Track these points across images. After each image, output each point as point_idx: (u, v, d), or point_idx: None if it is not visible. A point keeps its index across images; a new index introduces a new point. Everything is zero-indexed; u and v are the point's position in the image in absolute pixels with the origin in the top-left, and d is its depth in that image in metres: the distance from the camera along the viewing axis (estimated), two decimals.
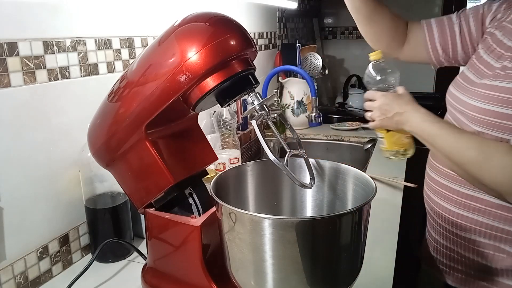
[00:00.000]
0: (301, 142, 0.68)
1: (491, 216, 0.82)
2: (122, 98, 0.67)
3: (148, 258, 0.77)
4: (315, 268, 0.54)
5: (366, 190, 0.62)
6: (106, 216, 0.89)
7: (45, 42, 0.79)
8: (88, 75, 0.90)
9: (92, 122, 0.74)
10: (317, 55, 2.00)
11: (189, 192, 0.75)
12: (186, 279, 0.71)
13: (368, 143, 1.76)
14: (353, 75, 2.84)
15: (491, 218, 0.82)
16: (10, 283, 0.76)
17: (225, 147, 1.34)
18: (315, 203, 0.73)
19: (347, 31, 2.91)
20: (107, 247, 0.86)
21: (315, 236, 0.53)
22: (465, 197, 0.85)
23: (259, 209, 0.72)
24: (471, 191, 0.84)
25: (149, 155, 0.67)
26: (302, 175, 0.71)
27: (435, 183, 0.92)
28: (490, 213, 0.82)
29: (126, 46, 1.01)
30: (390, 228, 1.01)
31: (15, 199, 0.76)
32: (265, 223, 0.52)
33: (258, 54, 0.68)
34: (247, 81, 0.63)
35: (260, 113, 0.63)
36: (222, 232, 0.58)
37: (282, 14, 2.19)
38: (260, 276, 0.55)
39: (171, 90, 0.60)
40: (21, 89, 0.76)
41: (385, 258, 0.88)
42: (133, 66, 0.67)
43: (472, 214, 0.85)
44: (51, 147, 0.83)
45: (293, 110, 1.93)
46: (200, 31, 0.59)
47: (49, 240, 0.83)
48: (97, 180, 0.89)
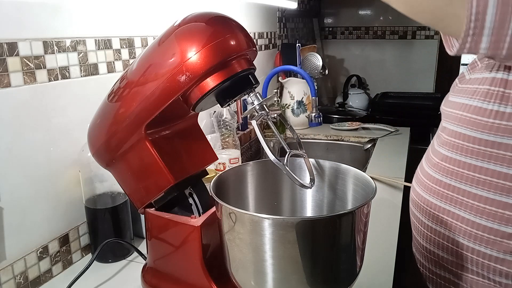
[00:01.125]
0: (301, 142, 0.68)
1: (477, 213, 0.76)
2: (122, 98, 0.67)
3: (148, 258, 0.77)
4: (315, 268, 0.54)
5: (366, 190, 0.62)
6: (106, 216, 0.89)
7: (45, 42, 0.79)
8: (88, 75, 0.90)
9: (92, 122, 0.74)
10: (317, 55, 2.00)
11: (189, 192, 0.75)
12: (186, 279, 0.71)
13: (368, 143, 1.76)
14: (353, 75, 2.85)
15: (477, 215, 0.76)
16: (10, 283, 0.76)
17: (225, 147, 1.34)
18: (315, 203, 0.73)
19: (347, 31, 2.91)
20: (107, 247, 0.86)
21: (315, 236, 0.53)
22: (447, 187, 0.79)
23: (259, 209, 0.72)
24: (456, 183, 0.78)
25: (149, 155, 0.68)
26: (302, 175, 0.71)
27: (428, 178, 0.90)
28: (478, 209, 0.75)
29: (126, 46, 1.01)
30: (390, 228, 1.01)
31: (15, 199, 0.76)
32: (265, 223, 0.52)
33: (258, 54, 0.69)
34: (247, 81, 0.63)
35: (260, 113, 0.63)
36: (222, 232, 0.58)
37: (282, 14, 2.19)
38: (260, 276, 0.55)
39: (171, 90, 0.60)
40: (21, 89, 0.76)
41: (385, 258, 0.88)
42: (133, 66, 0.67)
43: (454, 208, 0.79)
44: (51, 147, 0.83)
45: (293, 110, 1.93)
46: (200, 31, 0.59)
47: (49, 240, 0.83)
48: (97, 180, 0.89)
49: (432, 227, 0.84)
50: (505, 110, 0.72)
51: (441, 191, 0.82)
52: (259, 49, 1.86)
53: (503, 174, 0.73)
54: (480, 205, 0.76)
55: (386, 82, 2.86)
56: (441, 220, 0.82)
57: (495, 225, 0.74)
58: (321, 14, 2.96)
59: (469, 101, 0.77)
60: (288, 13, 2.28)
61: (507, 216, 0.73)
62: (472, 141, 0.76)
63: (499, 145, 0.73)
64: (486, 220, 0.75)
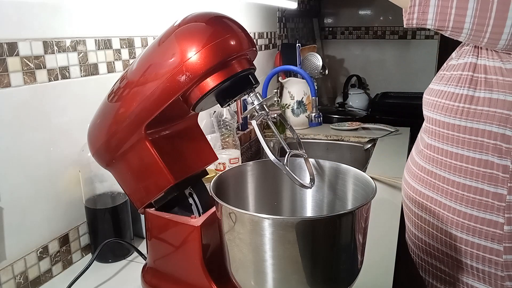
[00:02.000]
0: (301, 142, 0.68)
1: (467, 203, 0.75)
2: (122, 98, 0.67)
3: (148, 258, 0.77)
4: (315, 268, 0.54)
5: (366, 190, 0.62)
6: (106, 216, 0.89)
7: (45, 42, 0.79)
8: (88, 75, 0.90)
9: (92, 122, 0.74)
10: (317, 55, 2.00)
11: (189, 192, 0.75)
12: (186, 279, 0.71)
13: (368, 143, 1.76)
14: (353, 75, 2.85)
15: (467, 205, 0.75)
16: (10, 283, 0.76)
17: (225, 147, 1.34)
18: (315, 203, 0.73)
19: (347, 31, 2.91)
20: (107, 247, 0.86)
21: (315, 236, 0.53)
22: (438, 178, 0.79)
23: (259, 209, 0.72)
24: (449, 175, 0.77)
25: (149, 155, 0.68)
26: (302, 175, 0.71)
27: (414, 165, 0.87)
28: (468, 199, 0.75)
29: (126, 46, 1.01)
30: (390, 228, 1.01)
31: (15, 199, 0.76)
32: (265, 223, 0.52)
33: (258, 54, 0.69)
34: (247, 81, 0.63)
35: (260, 113, 0.63)
36: (222, 232, 0.58)
37: (282, 14, 2.19)
38: (260, 276, 0.55)
39: (171, 90, 0.60)
40: (21, 89, 0.76)
41: (385, 258, 0.88)
42: (133, 66, 0.67)
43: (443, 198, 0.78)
44: (51, 147, 0.83)
45: (293, 110, 1.93)
46: (200, 31, 0.59)
47: (49, 240, 0.83)
48: (97, 180, 0.89)
49: (422, 216, 0.85)
50: (473, 94, 0.73)
51: (426, 179, 0.82)
52: (259, 49, 1.86)
53: (477, 160, 0.73)
54: (459, 192, 0.76)
55: (386, 82, 2.86)
56: (429, 209, 0.82)
57: (474, 211, 0.75)
58: (321, 14, 2.96)
59: (445, 87, 0.78)
60: (288, 13, 2.28)
61: (485, 203, 0.73)
62: (447, 127, 0.76)
63: (470, 130, 0.73)
64: (466, 206, 0.75)
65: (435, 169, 0.80)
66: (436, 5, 0.68)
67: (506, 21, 0.65)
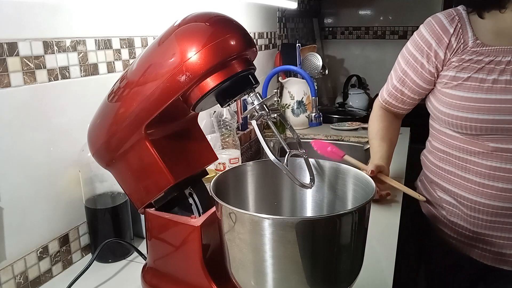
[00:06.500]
0: (301, 142, 0.68)
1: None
2: (122, 98, 0.67)
3: (148, 258, 0.77)
4: (315, 268, 0.54)
5: (366, 190, 0.62)
6: (106, 216, 0.89)
7: (45, 42, 0.79)
8: (88, 75, 0.90)
9: (92, 122, 0.74)
10: (317, 55, 2.00)
11: (189, 192, 0.75)
12: (186, 279, 0.71)
13: (368, 143, 1.76)
14: (353, 75, 2.85)
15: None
16: (10, 283, 0.76)
17: (225, 147, 1.34)
18: (315, 203, 0.73)
19: (347, 31, 2.91)
20: (107, 247, 0.86)
21: (315, 236, 0.53)
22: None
23: (259, 209, 0.72)
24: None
25: (149, 155, 0.68)
26: (302, 175, 0.71)
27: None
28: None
29: (126, 46, 1.01)
30: (390, 228, 1.01)
31: (15, 199, 0.76)
32: (265, 223, 0.52)
33: (258, 54, 0.69)
34: (247, 81, 0.63)
35: (260, 113, 0.62)
36: (222, 232, 0.58)
37: (282, 14, 2.19)
38: (260, 276, 0.55)
39: (171, 90, 0.60)
40: (21, 89, 0.76)
41: (385, 258, 0.88)
42: (133, 66, 0.67)
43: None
44: (51, 147, 0.83)
45: (293, 110, 1.93)
46: (200, 31, 0.59)
47: (49, 240, 0.83)
48: (97, 180, 0.89)
49: (444, 167, 1.06)
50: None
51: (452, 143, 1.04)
52: (259, 49, 1.86)
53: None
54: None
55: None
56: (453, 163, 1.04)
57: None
58: (321, 14, 2.96)
59: None
60: (288, 13, 2.28)
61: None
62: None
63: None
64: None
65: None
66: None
67: None
